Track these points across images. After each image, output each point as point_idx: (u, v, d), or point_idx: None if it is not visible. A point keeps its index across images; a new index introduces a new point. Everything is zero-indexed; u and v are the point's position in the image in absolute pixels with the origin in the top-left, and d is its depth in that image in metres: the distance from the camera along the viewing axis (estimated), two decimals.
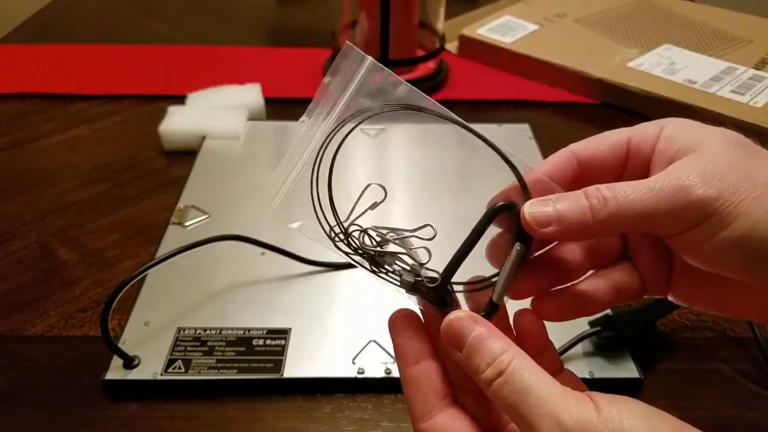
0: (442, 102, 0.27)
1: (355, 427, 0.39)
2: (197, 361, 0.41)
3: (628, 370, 0.41)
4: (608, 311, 0.44)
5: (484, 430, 0.26)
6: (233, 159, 0.62)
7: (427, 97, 0.28)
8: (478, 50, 0.83)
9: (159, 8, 1.00)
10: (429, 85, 0.76)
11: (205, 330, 0.44)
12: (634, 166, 0.28)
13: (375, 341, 0.43)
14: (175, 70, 0.80)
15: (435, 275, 0.27)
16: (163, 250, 0.50)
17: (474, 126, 0.27)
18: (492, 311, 0.27)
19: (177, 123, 0.64)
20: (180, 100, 0.69)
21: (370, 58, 0.28)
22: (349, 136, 0.27)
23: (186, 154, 0.63)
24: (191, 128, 0.64)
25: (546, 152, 0.63)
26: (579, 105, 0.75)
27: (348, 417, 0.40)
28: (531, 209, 0.25)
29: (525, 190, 0.27)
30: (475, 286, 0.28)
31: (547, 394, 0.22)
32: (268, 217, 0.28)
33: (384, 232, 0.28)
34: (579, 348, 0.42)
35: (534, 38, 0.83)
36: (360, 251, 0.28)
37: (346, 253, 0.28)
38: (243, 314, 0.45)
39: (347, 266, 0.49)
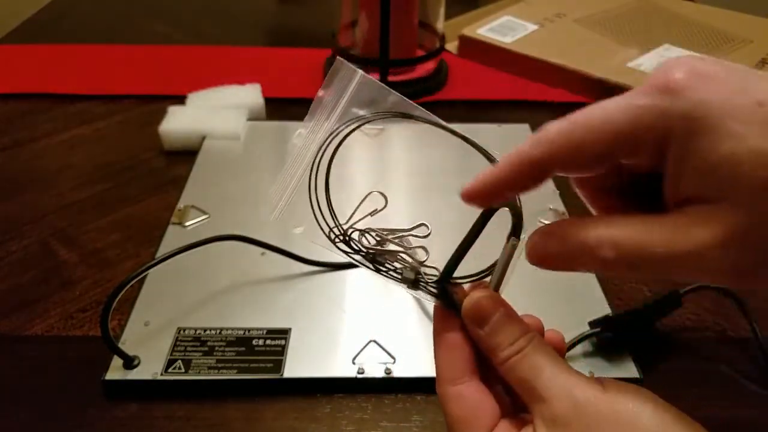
0: (442, 102, 0.27)
1: (355, 427, 0.39)
2: (197, 361, 0.41)
3: (628, 370, 0.41)
4: (608, 312, 0.45)
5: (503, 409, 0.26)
6: (233, 159, 0.62)
7: (416, 105, 0.29)
8: (478, 50, 0.83)
9: (159, 8, 1.00)
10: (429, 85, 0.76)
11: (205, 330, 0.44)
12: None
13: (375, 341, 0.43)
14: (175, 70, 0.80)
15: (435, 271, 0.28)
16: (163, 250, 0.50)
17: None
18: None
19: (177, 123, 0.64)
20: (180, 100, 0.69)
21: (360, 72, 0.29)
22: (349, 136, 0.29)
23: (186, 154, 0.63)
24: (191, 128, 0.64)
25: None
26: (579, 105, 0.74)
27: (348, 417, 0.40)
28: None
29: None
30: (473, 278, 0.29)
31: (560, 371, 0.24)
32: (268, 217, 0.29)
33: (383, 232, 0.29)
34: (579, 348, 0.42)
35: (534, 38, 0.83)
36: (361, 251, 0.29)
37: (347, 254, 0.29)
38: (243, 314, 0.45)
39: (347, 266, 0.49)
